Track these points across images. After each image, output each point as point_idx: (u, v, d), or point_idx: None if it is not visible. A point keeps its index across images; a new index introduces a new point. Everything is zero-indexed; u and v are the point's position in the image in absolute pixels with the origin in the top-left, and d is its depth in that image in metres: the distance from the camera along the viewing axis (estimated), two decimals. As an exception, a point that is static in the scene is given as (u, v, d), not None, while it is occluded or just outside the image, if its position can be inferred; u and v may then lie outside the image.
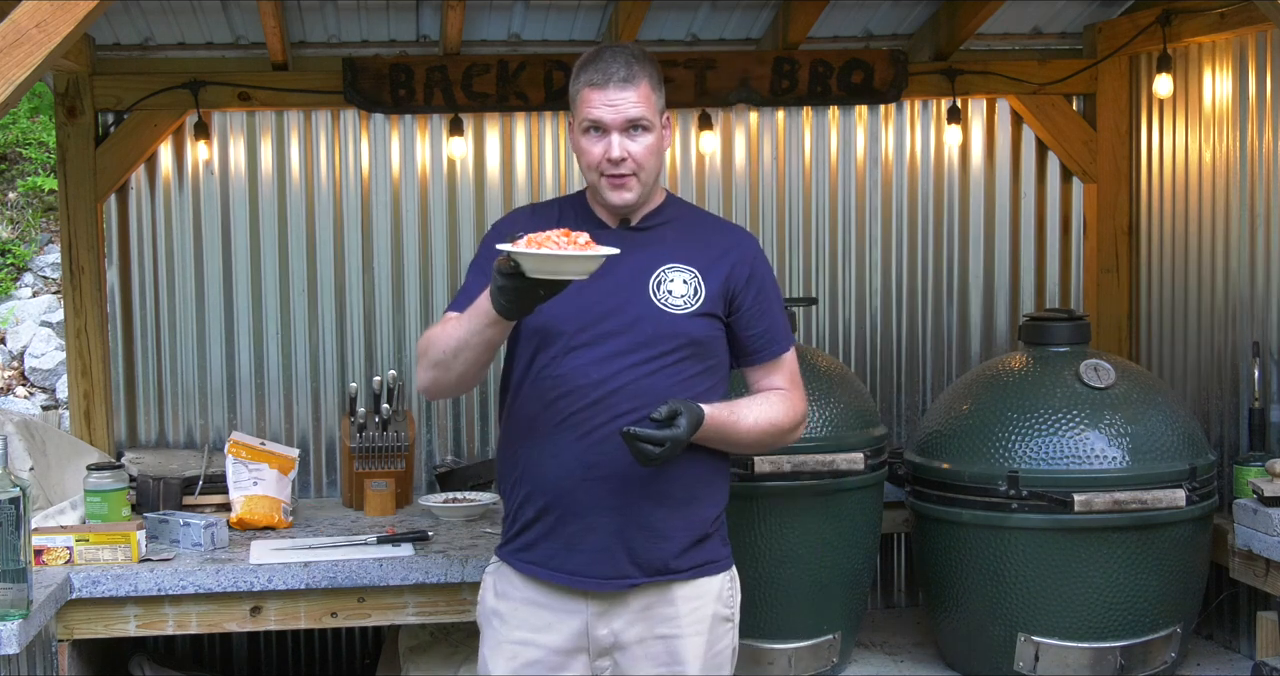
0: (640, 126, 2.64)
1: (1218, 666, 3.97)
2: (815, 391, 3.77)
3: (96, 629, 3.57)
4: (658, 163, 2.70)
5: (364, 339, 4.61)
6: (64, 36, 2.84)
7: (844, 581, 3.79)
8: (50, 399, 8.23)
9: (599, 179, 2.67)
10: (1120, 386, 3.68)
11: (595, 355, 2.61)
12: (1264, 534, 3.50)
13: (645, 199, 2.73)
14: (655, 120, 2.67)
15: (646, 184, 2.69)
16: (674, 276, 2.69)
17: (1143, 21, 4.41)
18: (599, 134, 2.65)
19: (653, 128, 2.66)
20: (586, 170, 2.70)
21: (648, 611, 2.66)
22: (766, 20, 4.58)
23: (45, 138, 9.11)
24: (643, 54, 2.69)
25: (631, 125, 2.64)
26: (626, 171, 2.65)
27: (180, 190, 4.53)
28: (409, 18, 4.44)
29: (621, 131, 2.64)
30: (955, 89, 4.63)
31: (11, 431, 3.95)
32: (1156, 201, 4.54)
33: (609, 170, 2.65)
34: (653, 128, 2.66)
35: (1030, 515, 3.55)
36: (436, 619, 3.69)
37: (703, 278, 2.70)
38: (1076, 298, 4.82)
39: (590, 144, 2.66)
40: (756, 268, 2.76)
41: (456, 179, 4.61)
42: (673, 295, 2.67)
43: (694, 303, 2.68)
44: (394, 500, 4.23)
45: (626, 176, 2.65)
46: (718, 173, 4.68)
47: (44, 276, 8.96)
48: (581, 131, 2.67)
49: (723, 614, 2.74)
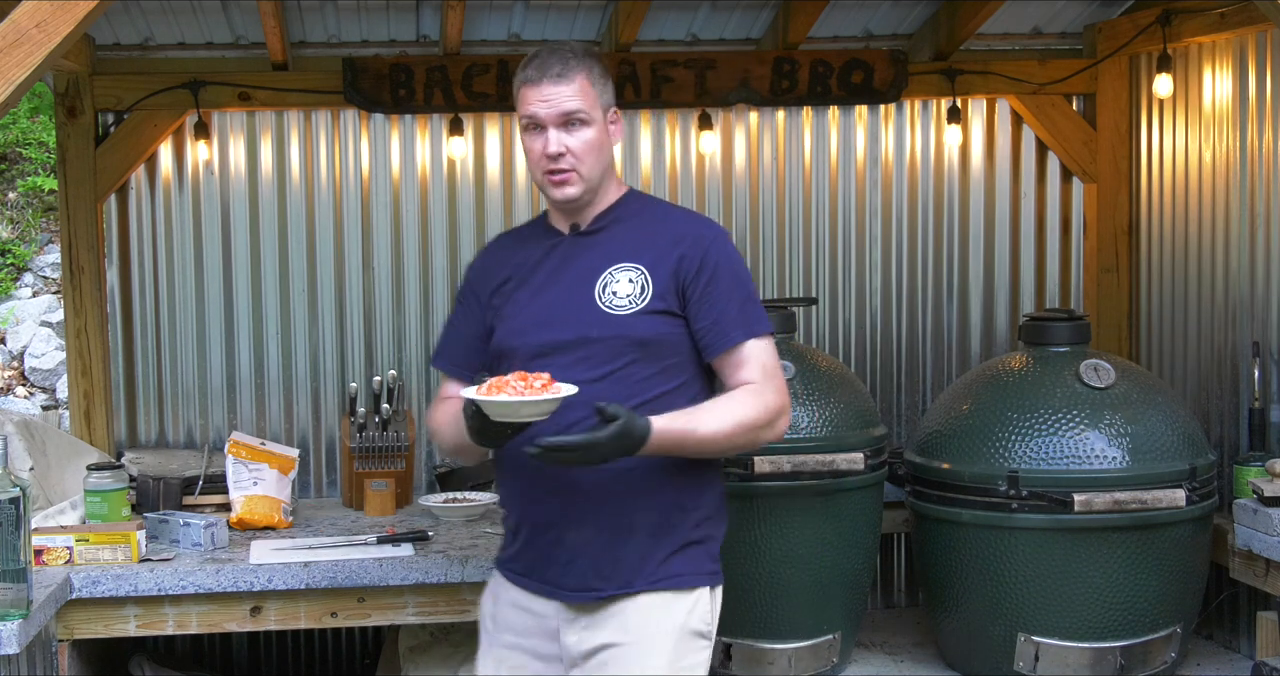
0: (577, 120, 2.60)
1: (1218, 666, 3.97)
2: (815, 391, 3.77)
3: (96, 629, 3.57)
4: (599, 158, 2.64)
5: (364, 339, 4.61)
6: (64, 36, 2.84)
7: (844, 581, 3.79)
8: (50, 399, 8.23)
9: (542, 177, 2.65)
10: (1120, 386, 3.68)
11: (545, 368, 2.54)
12: (1264, 534, 3.50)
13: (593, 196, 2.68)
14: (595, 114, 2.62)
15: (590, 179, 2.64)
16: (620, 276, 2.61)
17: (1143, 21, 4.41)
18: (538, 131, 2.62)
19: (592, 122, 2.61)
20: (532, 170, 2.68)
21: (614, 621, 2.59)
22: (766, 20, 4.58)
23: (45, 138, 9.11)
24: (584, 50, 2.66)
25: (567, 119, 2.59)
26: (565, 166, 2.61)
27: (180, 190, 4.53)
28: (409, 18, 4.44)
29: (558, 126, 2.60)
30: (955, 89, 4.63)
31: (11, 431, 3.95)
32: (1156, 201, 4.54)
33: (547, 166, 2.62)
34: (592, 122, 2.61)
35: (1030, 515, 3.55)
36: (436, 619, 3.69)
37: (650, 274, 2.61)
38: (1076, 298, 4.82)
39: (531, 141, 2.63)
40: (709, 256, 2.61)
41: (456, 179, 4.61)
42: (617, 296, 2.60)
43: (639, 301, 2.59)
44: (394, 500, 4.23)
45: (567, 172, 2.61)
46: (718, 173, 4.68)
47: (44, 276, 8.96)
48: (522, 130, 2.65)
49: (694, 628, 2.62)
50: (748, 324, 2.61)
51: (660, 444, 2.49)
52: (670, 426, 2.49)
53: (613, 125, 2.68)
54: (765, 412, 2.58)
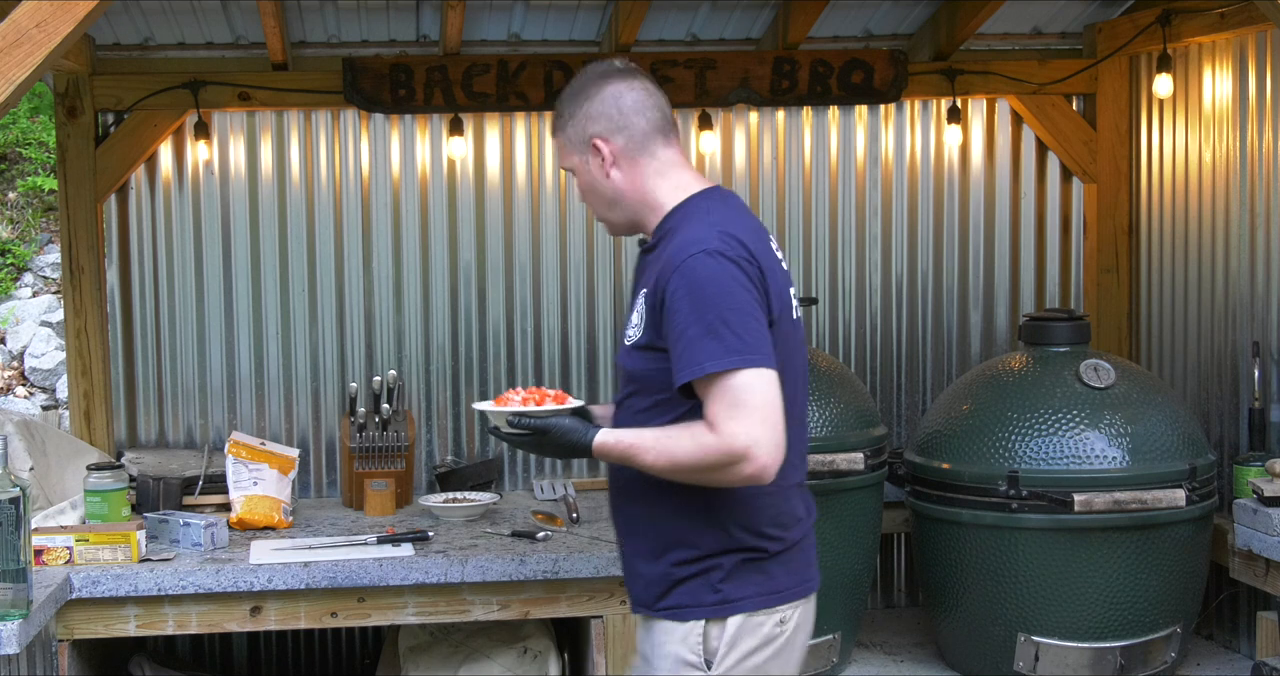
0: (569, 171, 2.66)
1: (1218, 666, 3.97)
2: (815, 391, 3.77)
3: (96, 629, 3.57)
4: (597, 197, 2.63)
5: (364, 339, 4.61)
6: (64, 36, 2.84)
7: (844, 581, 3.79)
8: (50, 399, 8.23)
9: None
10: (1120, 386, 3.68)
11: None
12: (1264, 534, 3.50)
13: (630, 226, 2.65)
14: (573, 161, 2.62)
15: (605, 217, 2.66)
16: (637, 304, 2.55)
17: (1143, 21, 4.41)
18: None
19: (576, 169, 2.63)
20: None
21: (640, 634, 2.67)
22: (766, 20, 4.59)
23: (45, 138, 9.11)
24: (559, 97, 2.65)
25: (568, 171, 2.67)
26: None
27: (180, 190, 4.53)
28: (409, 18, 4.44)
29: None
30: (955, 89, 4.63)
31: (11, 431, 3.95)
32: (1156, 201, 4.54)
33: None
34: (576, 169, 2.63)
35: (1030, 515, 3.55)
36: (436, 619, 3.69)
37: (646, 305, 2.51)
38: (1076, 298, 4.82)
39: None
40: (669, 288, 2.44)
41: (456, 179, 4.61)
42: (630, 326, 2.56)
43: (638, 333, 2.53)
44: (394, 500, 4.23)
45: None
46: (718, 173, 4.67)
47: (44, 276, 8.96)
48: None
49: (687, 658, 2.55)
50: (694, 362, 2.39)
51: (604, 455, 2.54)
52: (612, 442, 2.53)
53: (594, 157, 2.59)
54: (704, 456, 2.40)
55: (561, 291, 4.65)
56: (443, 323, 4.63)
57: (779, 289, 2.51)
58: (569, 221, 4.64)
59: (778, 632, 2.56)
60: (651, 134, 2.58)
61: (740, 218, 2.55)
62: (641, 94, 2.59)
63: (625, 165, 2.58)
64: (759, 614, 2.55)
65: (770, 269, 2.50)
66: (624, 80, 2.59)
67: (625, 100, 2.57)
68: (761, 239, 2.54)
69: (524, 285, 4.64)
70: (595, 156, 2.58)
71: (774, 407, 2.39)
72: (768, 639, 2.55)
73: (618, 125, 2.57)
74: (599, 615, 3.69)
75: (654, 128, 2.58)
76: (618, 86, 2.58)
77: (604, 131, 2.57)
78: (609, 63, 2.65)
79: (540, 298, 4.65)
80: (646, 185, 2.58)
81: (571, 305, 4.66)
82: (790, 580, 2.59)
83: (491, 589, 3.65)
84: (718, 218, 2.51)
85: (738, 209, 2.60)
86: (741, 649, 2.55)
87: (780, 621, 2.57)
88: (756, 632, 2.55)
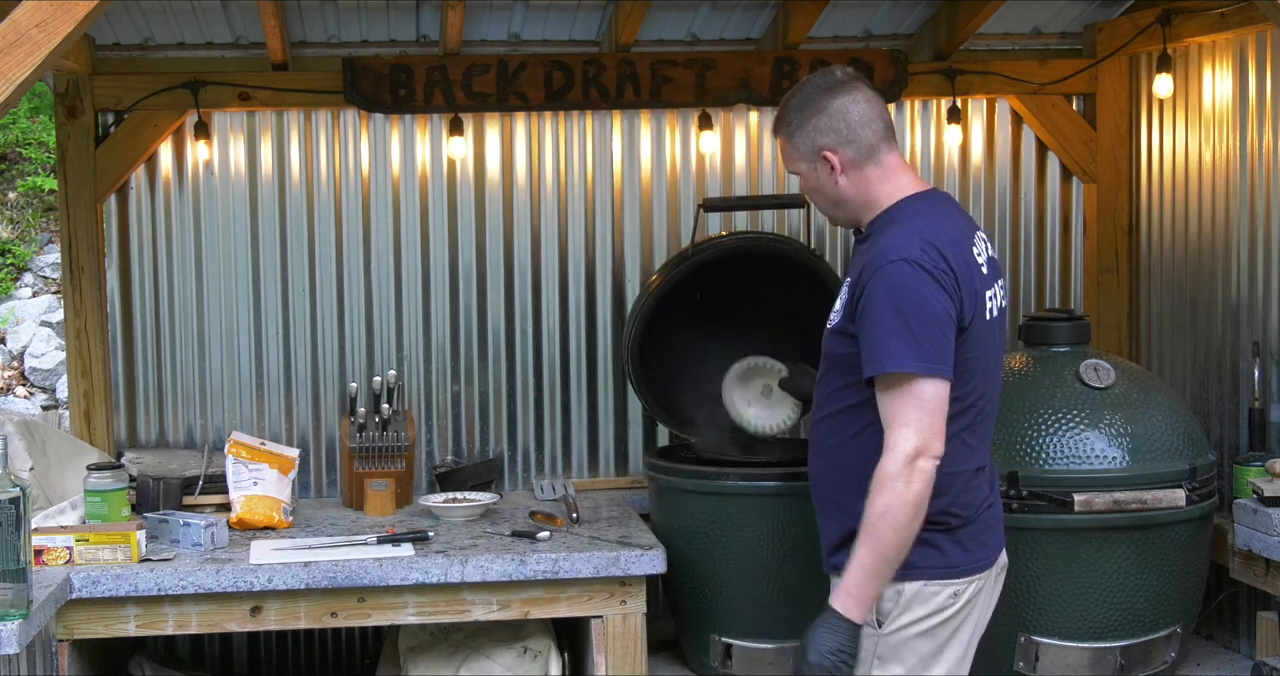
0: (796, 173, 2.85)
1: (1218, 666, 3.97)
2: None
3: (96, 629, 3.58)
4: (822, 199, 2.83)
5: (364, 339, 4.61)
6: (64, 36, 2.84)
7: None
8: (50, 399, 8.25)
9: None
10: (1120, 386, 3.68)
11: None
12: (1264, 534, 3.50)
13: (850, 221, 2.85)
14: (800, 167, 2.81)
15: (829, 214, 2.87)
16: (843, 292, 2.79)
17: (1143, 21, 4.41)
18: None
19: (801, 173, 2.82)
20: None
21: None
22: (766, 20, 4.59)
23: (45, 138, 9.12)
24: (786, 103, 2.81)
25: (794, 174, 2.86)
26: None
27: (180, 190, 4.53)
28: (409, 18, 4.44)
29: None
30: (955, 89, 4.63)
31: (11, 431, 3.95)
32: (1156, 201, 4.54)
33: None
34: (801, 173, 2.82)
35: (1030, 515, 3.55)
36: (436, 619, 3.70)
37: (848, 294, 2.75)
38: (1076, 297, 4.82)
39: None
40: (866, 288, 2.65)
41: (456, 179, 4.61)
42: (834, 311, 2.81)
43: (838, 318, 2.78)
44: (394, 500, 4.23)
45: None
46: (718, 172, 4.68)
47: (44, 276, 8.97)
48: None
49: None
50: (877, 359, 2.62)
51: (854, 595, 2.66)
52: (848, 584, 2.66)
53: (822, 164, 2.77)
54: (887, 480, 2.60)
55: (561, 291, 4.65)
56: (443, 323, 4.63)
57: (972, 292, 2.69)
58: (569, 221, 4.64)
59: (949, 604, 2.74)
60: (877, 144, 2.76)
61: (945, 223, 2.73)
62: (865, 106, 2.76)
63: (852, 173, 2.77)
64: (934, 583, 2.73)
65: (966, 276, 2.67)
66: (849, 93, 2.76)
67: (852, 114, 2.75)
68: (962, 245, 2.72)
69: (524, 285, 4.64)
70: (824, 165, 2.77)
71: (939, 413, 2.61)
72: (938, 608, 2.73)
73: (846, 138, 2.75)
74: (599, 615, 3.69)
75: (879, 138, 2.76)
76: (844, 100, 2.75)
77: (833, 144, 2.76)
78: (832, 73, 2.81)
79: (540, 298, 4.65)
80: (870, 190, 2.78)
81: (571, 305, 4.66)
82: (967, 558, 2.77)
83: (491, 589, 3.65)
84: (923, 223, 2.69)
85: (945, 212, 2.78)
86: (912, 614, 2.72)
87: (954, 594, 2.74)
88: (930, 601, 2.72)
